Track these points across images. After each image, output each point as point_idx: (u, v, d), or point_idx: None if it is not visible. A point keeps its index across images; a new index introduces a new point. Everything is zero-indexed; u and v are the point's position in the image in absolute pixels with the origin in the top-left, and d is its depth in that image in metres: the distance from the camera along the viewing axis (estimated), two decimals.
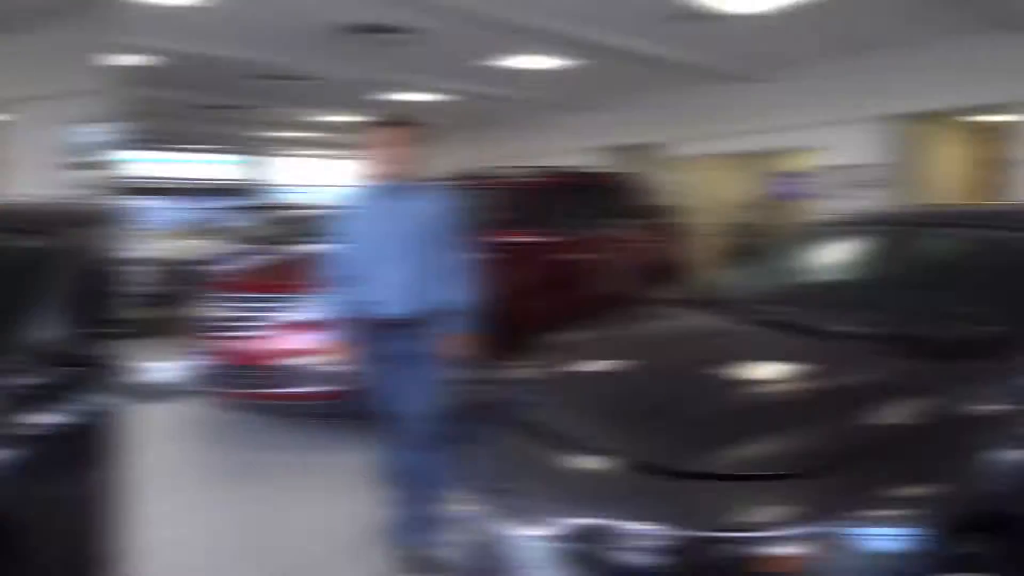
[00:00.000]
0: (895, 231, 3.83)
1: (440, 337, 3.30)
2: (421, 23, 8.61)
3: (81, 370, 2.55)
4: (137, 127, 18.24)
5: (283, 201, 21.60)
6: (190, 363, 5.44)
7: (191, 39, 9.48)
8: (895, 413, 2.09)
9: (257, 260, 6.32)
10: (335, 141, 22.15)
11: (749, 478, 1.92)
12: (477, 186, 7.02)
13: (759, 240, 11.56)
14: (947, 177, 11.21)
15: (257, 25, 8.68)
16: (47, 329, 2.44)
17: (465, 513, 2.38)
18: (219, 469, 4.67)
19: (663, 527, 1.83)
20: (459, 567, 2.43)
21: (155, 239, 13.65)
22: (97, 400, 2.66)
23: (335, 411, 4.85)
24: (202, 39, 9.55)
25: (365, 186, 3.43)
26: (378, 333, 3.30)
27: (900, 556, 1.77)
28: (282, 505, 4.14)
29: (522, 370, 3.06)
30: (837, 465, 1.87)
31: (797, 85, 10.56)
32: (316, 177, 26.44)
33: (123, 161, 7.77)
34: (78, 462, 2.59)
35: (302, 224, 11.10)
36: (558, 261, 6.66)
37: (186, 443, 5.07)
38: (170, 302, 11.79)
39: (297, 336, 4.87)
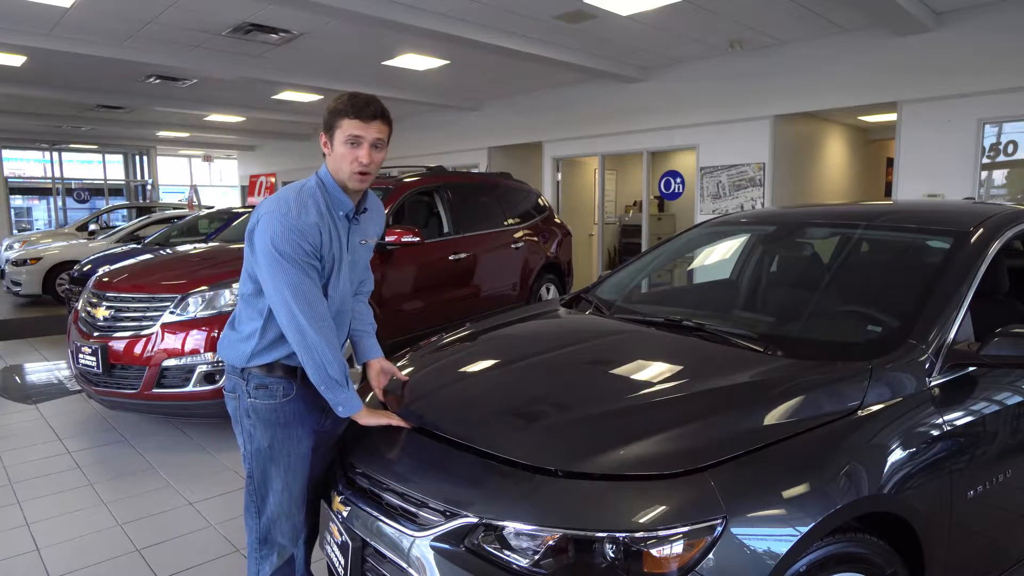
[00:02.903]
0: (779, 231, 3.83)
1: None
2: (304, 24, 8.56)
3: None
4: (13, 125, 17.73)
5: (165, 201, 21.15)
6: (72, 363, 5.37)
7: (69, 38, 9.24)
8: (776, 413, 2.09)
9: (141, 260, 6.24)
10: (219, 141, 21.75)
11: (632, 478, 1.89)
12: None
13: (641, 239, 11.93)
14: (831, 177, 11.71)
15: (140, 25, 8.53)
16: None
17: (344, 513, 2.29)
18: (102, 469, 4.63)
19: (548, 527, 1.81)
20: (339, 568, 2.32)
21: (35, 239, 13.22)
22: None
23: (217, 411, 4.92)
24: (81, 39, 9.30)
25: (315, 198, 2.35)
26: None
27: (783, 555, 1.78)
28: (168, 505, 4.09)
29: (402, 369, 2.91)
30: (720, 465, 1.87)
31: (681, 85, 10.81)
32: (199, 177, 25.99)
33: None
34: None
35: (185, 224, 10.97)
36: (441, 261, 6.81)
37: (68, 443, 5.00)
38: (52, 302, 11.54)
39: (180, 336, 4.91)
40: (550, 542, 1.82)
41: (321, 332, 2.29)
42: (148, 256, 6.65)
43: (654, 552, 1.74)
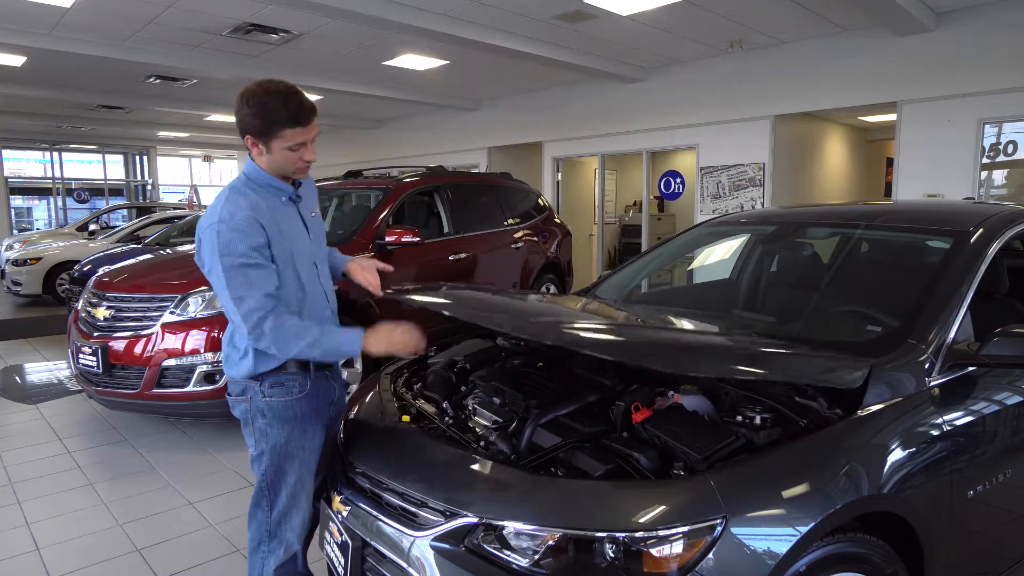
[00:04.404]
0: (779, 231, 3.83)
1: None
2: (304, 24, 8.56)
3: None
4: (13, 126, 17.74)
5: (165, 201, 21.16)
6: (72, 363, 5.37)
7: (69, 38, 9.24)
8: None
9: (140, 260, 6.24)
10: (219, 141, 21.75)
11: (633, 477, 1.93)
12: (359, 186, 7.14)
13: (642, 239, 11.92)
14: (831, 177, 11.70)
15: (140, 25, 8.54)
16: None
17: (344, 513, 2.31)
18: (102, 469, 4.63)
19: (548, 527, 1.82)
20: (339, 568, 2.33)
21: (35, 239, 13.21)
22: None
23: (217, 411, 4.94)
24: (81, 39, 9.30)
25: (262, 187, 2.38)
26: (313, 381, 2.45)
27: (783, 555, 1.78)
28: (168, 505, 4.09)
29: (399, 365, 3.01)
30: (719, 464, 1.89)
31: (681, 85, 10.81)
32: (198, 176, 25.98)
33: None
34: None
35: (184, 224, 10.97)
36: (441, 261, 6.78)
37: (68, 443, 5.00)
38: (52, 302, 11.54)
39: (180, 336, 4.91)
40: (550, 542, 1.82)
41: (291, 317, 2.27)
42: (148, 256, 6.65)
43: (654, 552, 1.74)
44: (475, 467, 2.10)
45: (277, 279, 2.30)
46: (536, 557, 1.82)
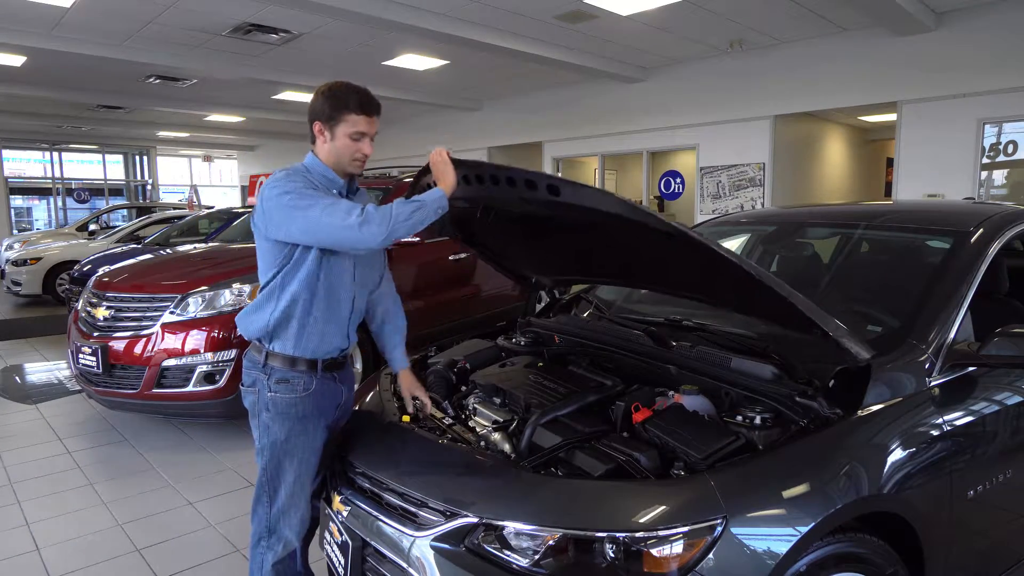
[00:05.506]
0: (779, 231, 3.81)
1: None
2: (304, 24, 8.57)
3: None
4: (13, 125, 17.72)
5: (165, 201, 21.15)
6: (72, 363, 5.37)
7: (69, 38, 9.25)
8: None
9: (140, 260, 6.24)
10: (218, 141, 21.76)
11: (633, 477, 1.93)
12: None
13: None
14: (831, 177, 11.72)
15: (140, 25, 8.54)
16: None
17: (344, 513, 2.31)
18: (102, 469, 4.64)
19: (548, 527, 1.81)
20: (339, 568, 2.34)
21: (35, 239, 13.21)
22: None
23: (217, 411, 4.95)
24: (81, 39, 9.32)
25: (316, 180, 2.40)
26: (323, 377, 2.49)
27: (783, 555, 1.78)
28: (168, 505, 4.09)
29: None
30: (719, 464, 1.89)
31: (681, 85, 10.82)
32: (198, 176, 26.00)
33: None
34: None
35: (185, 224, 10.96)
36: (441, 261, 6.77)
37: (68, 443, 5.00)
38: (52, 302, 11.54)
39: (180, 336, 4.91)
40: (550, 542, 1.81)
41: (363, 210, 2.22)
42: (148, 256, 6.64)
43: (654, 552, 1.74)
44: (475, 467, 2.10)
45: None
46: (536, 557, 1.82)
